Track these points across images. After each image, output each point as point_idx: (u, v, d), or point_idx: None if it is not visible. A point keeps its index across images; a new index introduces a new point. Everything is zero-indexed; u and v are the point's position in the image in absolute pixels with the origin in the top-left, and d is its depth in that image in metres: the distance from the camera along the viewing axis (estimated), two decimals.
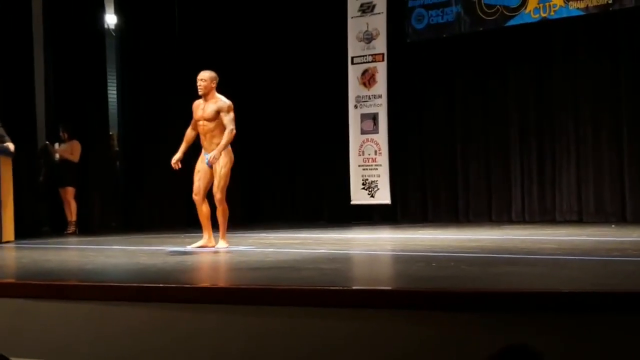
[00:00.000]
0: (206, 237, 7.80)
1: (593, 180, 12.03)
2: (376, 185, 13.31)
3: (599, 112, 12.05)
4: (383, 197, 13.31)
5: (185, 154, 7.89)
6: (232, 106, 7.68)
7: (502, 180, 12.79)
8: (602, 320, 3.60)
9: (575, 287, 4.32)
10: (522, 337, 3.62)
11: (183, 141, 7.92)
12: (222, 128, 7.67)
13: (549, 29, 12.32)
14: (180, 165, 7.83)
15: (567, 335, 3.61)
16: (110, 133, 13.57)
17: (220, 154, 7.58)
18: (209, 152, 7.67)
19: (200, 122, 7.71)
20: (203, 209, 7.77)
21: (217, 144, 7.64)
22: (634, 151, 11.76)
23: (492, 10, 12.42)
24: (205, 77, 7.68)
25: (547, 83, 12.50)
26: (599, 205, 11.97)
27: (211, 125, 7.65)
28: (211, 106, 7.64)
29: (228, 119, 7.61)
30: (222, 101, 7.66)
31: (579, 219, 12.02)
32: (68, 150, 12.00)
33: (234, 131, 7.64)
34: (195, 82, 7.75)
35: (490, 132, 12.96)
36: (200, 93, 7.69)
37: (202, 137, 7.76)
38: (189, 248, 7.78)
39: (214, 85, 7.68)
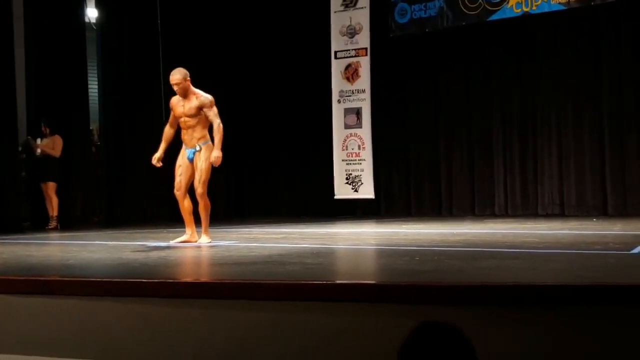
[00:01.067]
0: (189, 233, 7.79)
1: (575, 174, 12.12)
2: (360, 180, 13.34)
3: (581, 106, 12.14)
4: (367, 191, 13.34)
5: (166, 151, 7.84)
6: (213, 100, 7.65)
7: (485, 175, 12.87)
8: (585, 312, 3.62)
9: (558, 280, 4.33)
10: (506, 329, 3.64)
11: (162, 140, 7.85)
12: (204, 123, 7.64)
13: (531, 23, 12.39)
14: (161, 164, 7.78)
15: (552, 327, 3.63)
16: (91, 128, 13.49)
17: (220, 153, 7.56)
18: (190, 147, 7.65)
19: (182, 119, 7.66)
20: (185, 204, 7.74)
21: (198, 139, 7.62)
22: (615, 145, 11.86)
23: (475, 5, 12.46)
24: (178, 80, 7.54)
25: (529, 78, 12.57)
26: (580, 199, 12.06)
27: (193, 121, 7.62)
28: (192, 102, 7.58)
29: (212, 114, 7.57)
30: (203, 96, 7.61)
31: (561, 213, 12.11)
32: (49, 145, 11.93)
33: (221, 125, 7.61)
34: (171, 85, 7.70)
35: (473, 126, 13.03)
36: (180, 95, 7.63)
37: (183, 131, 7.72)
38: (171, 243, 7.76)
39: (188, 81, 7.61)
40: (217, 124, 7.57)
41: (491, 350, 2.57)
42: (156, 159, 7.77)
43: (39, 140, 12.01)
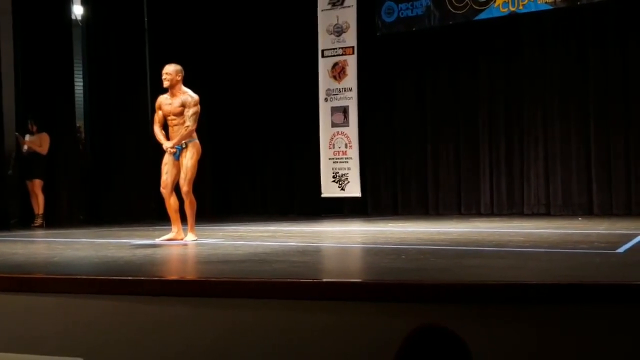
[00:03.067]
0: (175, 230, 7.76)
1: (561, 173, 12.16)
2: (347, 178, 13.34)
3: (567, 105, 12.18)
4: (353, 190, 13.34)
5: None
6: (198, 101, 7.61)
7: (471, 174, 12.89)
8: (570, 311, 3.64)
9: (543, 279, 4.35)
10: (492, 327, 3.65)
11: (158, 137, 7.77)
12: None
13: (517, 23, 12.42)
14: (175, 150, 7.64)
15: (537, 326, 3.64)
16: (77, 125, 13.44)
17: (174, 145, 7.53)
18: (177, 146, 7.62)
19: (169, 117, 7.66)
20: (171, 202, 7.71)
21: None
22: (601, 145, 11.90)
23: (462, 4, 12.49)
24: (170, 71, 7.60)
25: (515, 77, 12.61)
26: (566, 198, 12.10)
27: (179, 119, 7.60)
28: (178, 101, 7.58)
29: (189, 114, 7.55)
30: (188, 95, 7.60)
31: (547, 212, 12.15)
32: (37, 142, 11.87)
33: (190, 128, 7.54)
34: (161, 75, 7.69)
35: (459, 125, 13.06)
36: (165, 86, 7.62)
37: (170, 129, 7.70)
38: (157, 241, 7.73)
39: (179, 79, 7.60)
40: (187, 126, 7.52)
41: (476, 348, 2.57)
42: (169, 145, 7.64)
43: (26, 137, 11.95)
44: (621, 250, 6.03)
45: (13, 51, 12.13)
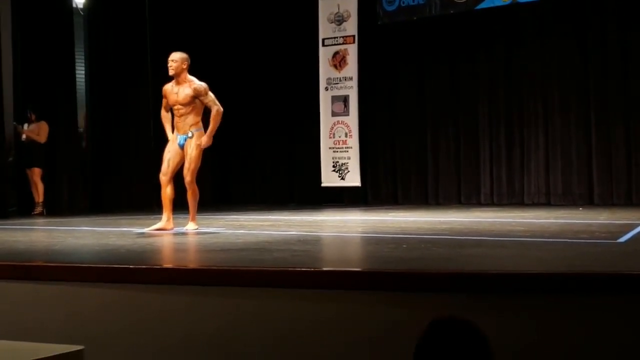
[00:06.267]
0: (164, 219, 7.61)
1: (561, 163, 12.15)
2: (347, 168, 13.34)
3: (568, 95, 12.16)
4: (353, 179, 13.34)
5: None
6: (207, 87, 7.62)
7: (472, 163, 12.88)
8: (570, 300, 3.64)
9: (544, 268, 4.36)
10: (492, 317, 3.65)
11: (164, 123, 7.78)
12: (197, 110, 7.62)
13: (518, 11, 12.38)
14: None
15: (537, 315, 3.65)
16: (79, 114, 13.39)
17: (210, 140, 7.55)
18: (182, 134, 7.60)
19: (176, 107, 7.62)
20: (167, 191, 7.61)
21: (191, 125, 7.58)
22: (602, 134, 11.89)
23: None
24: (176, 58, 7.57)
25: (516, 66, 12.58)
26: (566, 188, 12.10)
27: (186, 109, 7.57)
28: (185, 90, 7.54)
29: (210, 100, 7.56)
30: (197, 84, 7.55)
31: (547, 202, 12.15)
32: (35, 131, 11.87)
33: (221, 109, 7.59)
34: (166, 63, 7.67)
35: (460, 115, 13.04)
36: (170, 74, 7.59)
37: (176, 119, 7.67)
38: (147, 230, 7.64)
39: (185, 67, 7.57)
40: (216, 110, 7.57)
41: None
42: (172, 139, 7.68)
43: (25, 126, 11.95)
44: (622, 240, 6.04)
45: (12, 40, 12.07)
